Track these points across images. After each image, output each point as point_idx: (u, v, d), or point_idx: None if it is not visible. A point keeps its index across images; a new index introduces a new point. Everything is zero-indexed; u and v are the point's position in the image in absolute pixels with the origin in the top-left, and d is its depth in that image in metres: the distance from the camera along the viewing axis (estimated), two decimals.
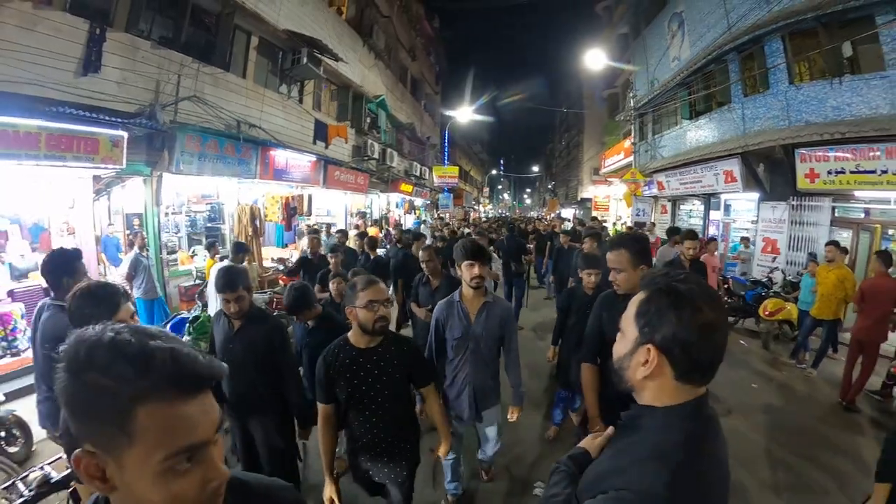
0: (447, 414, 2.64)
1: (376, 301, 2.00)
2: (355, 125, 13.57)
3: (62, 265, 2.69)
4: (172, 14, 7.16)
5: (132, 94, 6.24)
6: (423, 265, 3.93)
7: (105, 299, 1.93)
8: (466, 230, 12.02)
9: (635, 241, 2.30)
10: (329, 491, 2.10)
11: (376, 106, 14.88)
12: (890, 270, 4.84)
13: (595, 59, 13.87)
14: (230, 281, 2.49)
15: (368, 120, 14.71)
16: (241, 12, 8.11)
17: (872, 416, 4.60)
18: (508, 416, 2.82)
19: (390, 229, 13.26)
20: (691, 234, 4.72)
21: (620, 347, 1.05)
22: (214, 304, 5.29)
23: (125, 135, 5.65)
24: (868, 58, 7.49)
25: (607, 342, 1.25)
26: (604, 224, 14.45)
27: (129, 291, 1.96)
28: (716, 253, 6.80)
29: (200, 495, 0.66)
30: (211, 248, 6.02)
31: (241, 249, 5.42)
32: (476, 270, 2.58)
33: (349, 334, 2.15)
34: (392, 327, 2.26)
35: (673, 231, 6.98)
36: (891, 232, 7.77)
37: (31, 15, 5.04)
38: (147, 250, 6.34)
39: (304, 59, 9.29)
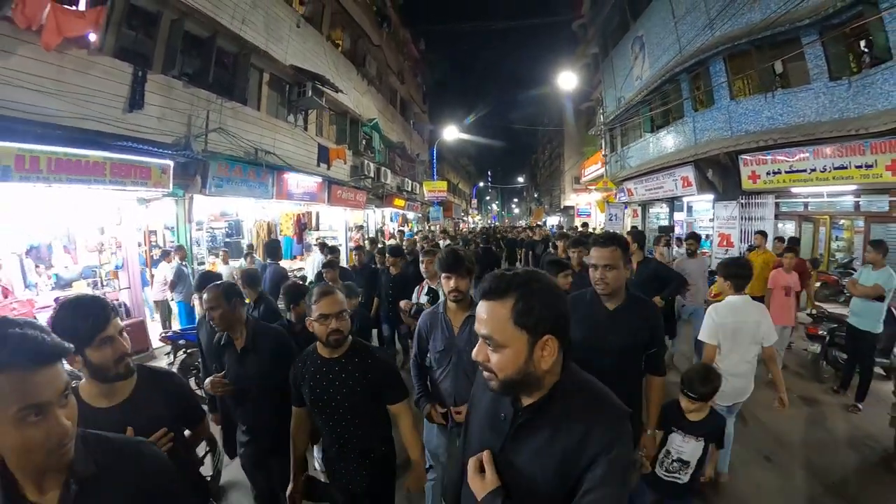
0: (421, 441, 2.32)
1: (328, 314, 1.93)
2: (352, 147, 14.59)
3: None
4: (200, 57, 8.24)
5: (170, 127, 7.17)
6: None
7: (93, 312, 1.56)
8: (447, 242, 10.99)
9: (622, 240, 2.28)
10: (290, 489, 2.13)
11: (370, 128, 15.88)
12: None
13: (567, 79, 15.20)
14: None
15: (364, 142, 15.81)
16: (255, 53, 9.23)
17: (794, 370, 5.69)
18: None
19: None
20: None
21: (509, 361, 0.99)
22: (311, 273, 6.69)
23: (171, 163, 6.66)
24: (796, 73, 8.60)
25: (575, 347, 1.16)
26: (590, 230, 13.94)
27: (118, 307, 1.56)
28: (792, 272, 5.41)
29: (47, 443, 0.85)
30: (248, 256, 7.01)
31: (335, 250, 6.69)
32: (453, 283, 2.41)
33: (317, 342, 2.06)
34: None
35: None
36: (842, 222, 8.96)
37: (86, 60, 5.86)
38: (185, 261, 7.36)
39: (309, 92, 10.40)
